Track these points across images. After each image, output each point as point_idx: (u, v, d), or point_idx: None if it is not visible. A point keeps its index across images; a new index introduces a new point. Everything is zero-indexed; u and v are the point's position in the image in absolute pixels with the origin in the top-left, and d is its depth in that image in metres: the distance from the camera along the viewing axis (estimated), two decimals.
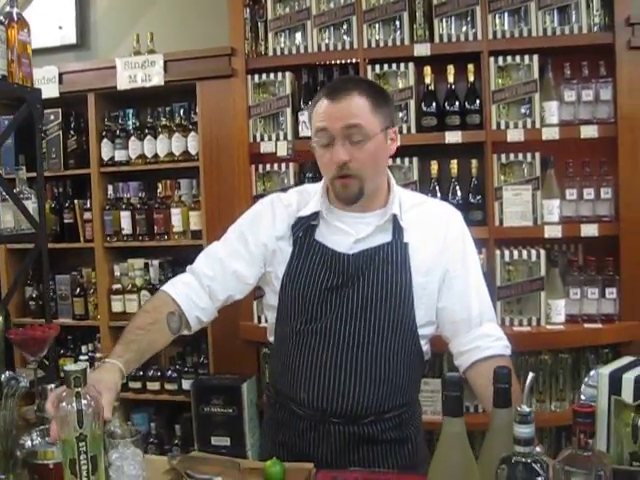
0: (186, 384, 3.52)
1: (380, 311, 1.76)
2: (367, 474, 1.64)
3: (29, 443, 1.52)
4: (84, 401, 1.31)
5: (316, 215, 1.85)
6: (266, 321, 2.04)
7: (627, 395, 1.16)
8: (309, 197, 1.90)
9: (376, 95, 1.78)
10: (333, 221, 1.84)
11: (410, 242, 1.79)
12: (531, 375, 1.26)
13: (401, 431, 1.82)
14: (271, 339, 1.96)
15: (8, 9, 2.09)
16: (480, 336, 1.79)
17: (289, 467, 1.60)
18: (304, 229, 1.85)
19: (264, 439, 2.01)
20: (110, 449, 1.44)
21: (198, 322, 1.89)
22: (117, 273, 3.70)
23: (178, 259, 3.70)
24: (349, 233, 1.81)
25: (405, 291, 1.77)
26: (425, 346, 1.87)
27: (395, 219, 1.81)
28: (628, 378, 1.16)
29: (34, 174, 2.54)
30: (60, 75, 3.58)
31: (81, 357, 3.69)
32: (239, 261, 1.90)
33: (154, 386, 3.61)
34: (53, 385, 1.65)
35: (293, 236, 1.86)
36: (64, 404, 1.31)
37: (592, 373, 1.32)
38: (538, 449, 1.20)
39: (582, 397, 1.35)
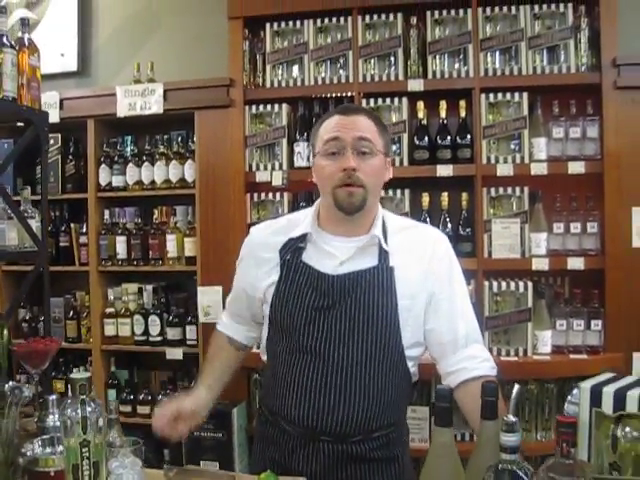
0: None
1: (367, 333, 1.81)
2: None
3: (30, 451, 1.56)
4: (89, 408, 1.36)
5: (304, 238, 1.91)
6: (258, 347, 2.12)
7: (607, 407, 1.23)
8: (298, 222, 1.96)
9: (380, 123, 1.91)
10: (321, 244, 1.89)
11: (396, 266, 1.85)
12: (517, 387, 1.32)
13: (388, 450, 1.86)
14: (264, 358, 2.02)
15: (20, 34, 2.17)
16: (466, 357, 1.84)
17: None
18: (292, 251, 1.91)
19: (254, 456, 2.04)
20: (110, 458, 1.48)
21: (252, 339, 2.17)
22: (111, 297, 3.74)
23: (172, 284, 3.76)
24: (335, 256, 1.87)
25: (391, 314, 1.82)
26: (413, 368, 1.91)
27: (379, 243, 1.87)
28: (608, 391, 1.23)
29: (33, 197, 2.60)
30: (61, 101, 3.65)
31: None
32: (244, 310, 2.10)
33: (144, 410, 3.62)
34: (54, 396, 1.70)
35: (281, 260, 1.92)
36: (69, 411, 1.36)
37: (575, 391, 1.38)
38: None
39: (565, 414, 1.40)
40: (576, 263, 3.12)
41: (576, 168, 3.13)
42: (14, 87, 2.12)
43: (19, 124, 3.27)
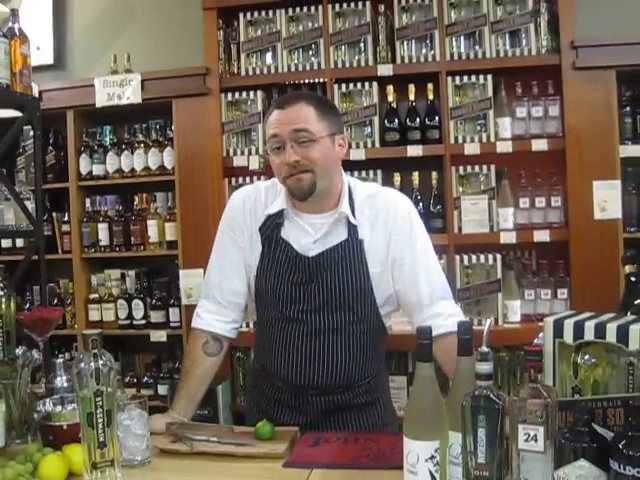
0: (162, 389, 3.66)
1: (343, 302, 1.97)
2: (348, 435, 1.83)
3: (43, 410, 1.68)
4: (101, 361, 1.48)
5: (281, 214, 2.03)
6: (240, 326, 2.24)
7: (568, 337, 1.38)
8: (276, 192, 2.07)
9: (322, 105, 1.98)
10: (296, 220, 2.02)
11: (365, 237, 1.98)
12: (489, 321, 1.47)
13: (370, 395, 2.05)
14: (254, 319, 2.24)
15: (10, 24, 2.28)
16: (431, 316, 1.96)
17: (277, 429, 1.78)
18: (271, 228, 2.04)
19: (248, 409, 2.22)
20: (119, 411, 1.60)
21: (235, 330, 2.16)
22: (94, 283, 3.83)
23: (154, 269, 3.86)
24: (309, 233, 2.00)
25: (363, 281, 1.97)
26: (388, 322, 2.10)
27: (348, 218, 1.98)
28: (569, 323, 1.38)
29: None
30: (40, 93, 3.71)
31: None
32: (232, 277, 2.12)
33: (130, 392, 3.71)
34: (61, 360, 1.82)
35: (262, 236, 2.05)
36: (82, 364, 1.48)
37: (540, 334, 1.52)
38: None
39: None
40: (542, 236, 3.28)
41: (539, 145, 3.29)
42: (7, 74, 2.22)
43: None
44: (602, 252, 3.20)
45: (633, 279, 1.60)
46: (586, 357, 1.37)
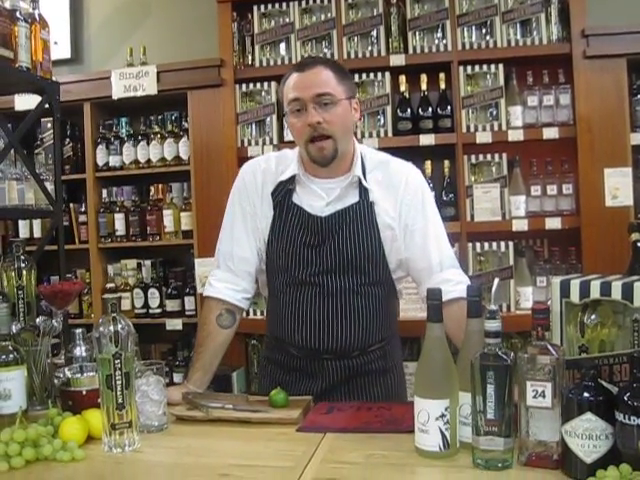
0: (177, 377, 3.69)
1: (355, 264, 2.00)
2: (361, 403, 1.86)
3: (63, 377, 1.72)
4: (119, 325, 1.52)
5: (293, 179, 2.07)
6: (254, 314, 2.26)
7: (574, 296, 1.41)
8: (288, 161, 2.10)
9: (339, 69, 2.03)
10: (308, 184, 2.06)
11: (375, 200, 2.02)
12: (497, 280, 1.51)
13: (385, 362, 2.08)
14: (265, 293, 2.23)
15: (31, 10, 2.34)
16: (441, 281, 1.97)
17: (291, 398, 1.82)
18: (283, 194, 2.07)
19: (262, 380, 2.25)
20: (137, 377, 1.64)
21: (247, 301, 2.18)
22: (110, 273, 3.89)
23: (169, 259, 3.91)
24: (321, 196, 2.04)
25: (374, 244, 2.01)
26: (399, 286, 2.14)
27: (360, 181, 2.03)
28: (575, 283, 1.41)
29: None
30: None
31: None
32: (243, 245, 2.14)
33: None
34: (80, 330, 1.86)
35: (273, 202, 2.08)
36: (102, 328, 1.52)
37: (549, 302, 1.55)
38: None
39: None
40: (553, 223, 3.31)
41: (551, 134, 3.32)
42: (28, 58, 2.28)
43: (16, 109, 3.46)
44: (613, 239, 3.21)
45: None
46: (592, 317, 1.40)
